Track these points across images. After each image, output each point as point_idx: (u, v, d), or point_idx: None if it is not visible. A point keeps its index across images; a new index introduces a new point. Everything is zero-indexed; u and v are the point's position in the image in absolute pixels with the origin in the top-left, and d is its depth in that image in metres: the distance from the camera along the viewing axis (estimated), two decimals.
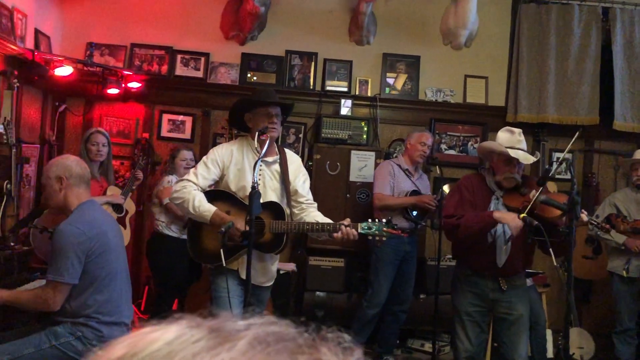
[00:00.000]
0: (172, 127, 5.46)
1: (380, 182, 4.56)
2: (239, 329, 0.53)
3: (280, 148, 3.20)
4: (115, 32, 5.44)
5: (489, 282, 3.26)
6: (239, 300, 2.96)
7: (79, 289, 2.62)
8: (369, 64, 5.67)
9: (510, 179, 3.21)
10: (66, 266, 2.55)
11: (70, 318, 2.63)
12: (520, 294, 3.33)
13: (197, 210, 2.91)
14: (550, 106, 5.48)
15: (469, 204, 3.25)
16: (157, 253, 4.34)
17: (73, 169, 2.74)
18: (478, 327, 3.31)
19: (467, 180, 3.43)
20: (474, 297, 3.29)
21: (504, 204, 3.22)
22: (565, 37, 5.50)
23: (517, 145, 3.24)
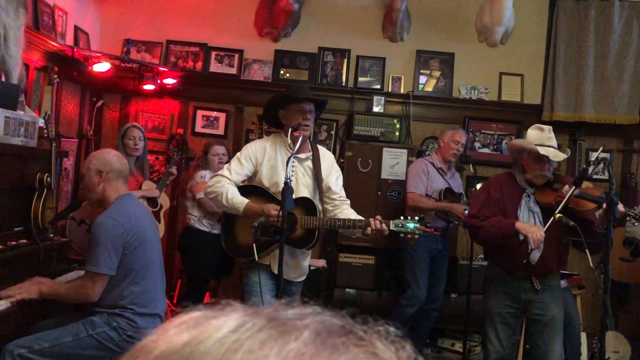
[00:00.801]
0: (206, 123, 5.53)
1: (414, 182, 4.52)
2: (298, 319, 0.53)
3: (313, 145, 3.21)
4: (152, 29, 5.53)
5: (522, 282, 3.21)
6: (270, 295, 2.98)
7: (116, 281, 2.68)
8: (403, 60, 5.64)
9: (541, 177, 3.17)
10: (104, 258, 2.61)
11: (106, 309, 2.69)
12: (555, 294, 3.26)
13: (230, 202, 2.95)
14: (587, 105, 5.36)
15: (496, 204, 3.22)
16: (189, 247, 4.40)
17: (113, 164, 2.80)
18: (510, 328, 3.26)
19: (496, 179, 3.40)
20: (506, 297, 3.25)
21: (535, 201, 3.17)
22: (604, 34, 5.36)
23: (547, 142, 3.19)
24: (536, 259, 3.13)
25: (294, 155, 3.01)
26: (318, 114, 3.24)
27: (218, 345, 0.49)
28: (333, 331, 0.52)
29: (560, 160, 3.16)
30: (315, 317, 0.54)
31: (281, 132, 3.20)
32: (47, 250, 3.13)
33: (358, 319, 0.56)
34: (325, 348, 0.50)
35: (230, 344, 0.49)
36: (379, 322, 0.57)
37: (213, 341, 0.50)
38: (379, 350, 0.53)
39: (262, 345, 0.49)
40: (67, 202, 4.89)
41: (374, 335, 0.55)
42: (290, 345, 0.49)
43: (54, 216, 3.30)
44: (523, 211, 3.18)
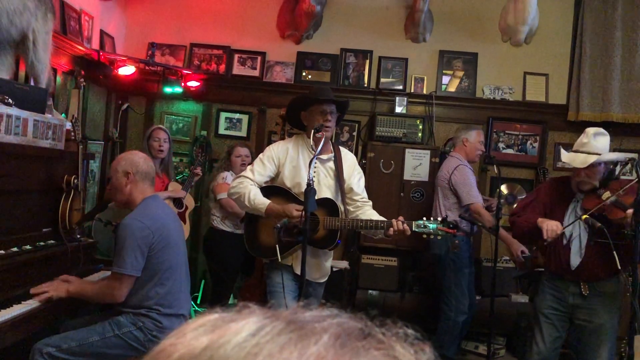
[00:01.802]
0: (229, 125, 5.58)
1: (473, 191, 4.34)
2: (317, 321, 0.53)
3: (335, 146, 3.22)
4: (176, 32, 5.59)
5: (570, 285, 3.18)
6: (293, 296, 2.99)
7: (142, 281, 2.72)
8: (425, 61, 5.61)
9: (584, 183, 3.12)
10: (130, 259, 2.65)
11: (132, 309, 2.73)
12: (607, 302, 3.17)
13: (253, 203, 2.97)
14: (614, 104, 5.27)
15: (542, 206, 3.24)
16: (213, 247, 4.44)
17: (140, 165, 2.84)
18: (556, 330, 3.24)
19: (550, 183, 3.44)
20: (553, 299, 3.24)
21: (582, 207, 3.13)
22: (631, 32, 5.27)
23: (582, 148, 3.12)
24: (576, 263, 3.09)
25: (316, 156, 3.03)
26: (341, 115, 3.25)
27: (238, 349, 0.49)
28: (352, 334, 0.52)
29: (579, 166, 3.07)
30: (333, 320, 0.54)
31: (303, 134, 3.22)
32: (75, 251, 3.19)
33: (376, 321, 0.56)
34: (345, 352, 0.50)
35: (250, 348, 0.49)
36: (397, 324, 0.57)
37: (233, 345, 0.50)
38: (398, 353, 0.53)
39: (282, 349, 0.49)
40: (93, 204, 4.98)
41: (393, 338, 0.54)
42: (310, 349, 0.49)
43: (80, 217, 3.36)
44: (569, 216, 3.16)
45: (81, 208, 3.50)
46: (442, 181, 4.48)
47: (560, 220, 3.13)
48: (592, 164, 3.03)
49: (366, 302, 4.97)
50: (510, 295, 4.96)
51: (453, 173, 4.37)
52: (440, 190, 4.49)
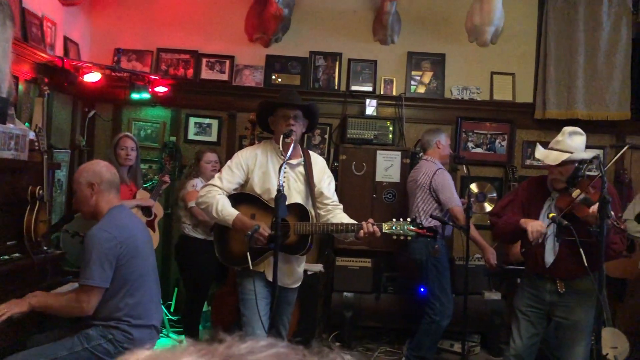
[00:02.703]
0: (199, 130, 5.52)
1: (454, 195, 4.38)
2: (253, 354, 0.52)
3: (305, 150, 3.21)
4: (142, 37, 5.52)
5: (547, 283, 3.23)
6: (265, 302, 2.97)
7: (111, 293, 2.67)
8: (394, 63, 5.64)
9: (557, 181, 3.17)
10: (98, 270, 2.59)
11: (101, 321, 2.68)
12: (583, 299, 3.20)
13: (220, 214, 2.95)
14: (579, 102, 5.38)
15: (521, 205, 3.29)
16: (185, 255, 4.39)
17: (104, 175, 2.79)
18: (533, 327, 3.29)
19: (529, 182, 3.48)
20: (531, 297, 3.30)
21: (556, 206, 3.19)
22: (594, 32, 5.39)
23: (556, 145, 3.19)
24: (550, 260, 3.14)
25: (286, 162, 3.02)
26: (314, 121, 3.23)
27: None
28: None
29: (551, 163, 3.13)
30: (270, 351, 0.53)
31: (272, 139, 3.20)
32: (41, 264, 3.12)
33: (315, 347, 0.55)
34: None
35: None
36: (333, 350, 0.56)
37: None
38: None
39: None
40: (61, 214, 4.88)
41: None
42: None
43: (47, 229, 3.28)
44: (543, 214, 3.21)
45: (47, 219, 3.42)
46: (422, 186, 4.44)
47: (536, 217, 3.18)
48: (565, 162, 3.08)
49: (341, 305, 4.97)
50: (483, 293, 5.02)
51: (433, 178, 4.37)
52: (420, 194, 4.45)
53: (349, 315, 4.95)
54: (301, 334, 4.76)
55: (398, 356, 4.79)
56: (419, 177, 4.49)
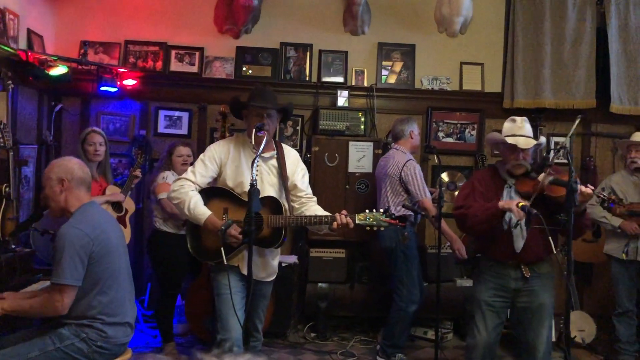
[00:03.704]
0: (169, 123, 5.46)
1: (424, 188, 4.39)
2: None
3: (278, 143, 3.21)
4: (109, 29, 5.42)
5: (512, 270, 3.27)
6: (240, 297, 2.98)
7: (83, 291, 2.63)
8: (365, 54, 5.66)
9: (518, 166, 3.25)
10: (70, 269, 2.56)
11: (74, 320, 2.64)
12: (545, 282, 3.30)
13: (192, 212, 2.94)
14: (546, 91, 5.48)
15: (480, 195, 3.30)
16: (157, 249, 4.34)
17: (75, 171, 2.75)
18: (497, 317, 3.33)
19: (480, 173, 3.51)
20: (495, 286, 3.32)
21: (516, 191, 3.25)
22: (560, 22, 5.48)
23: (518, 132, 3.29)
24: (520, 246, 3.19)
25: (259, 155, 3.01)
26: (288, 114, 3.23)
27: None
28: None
29: (530, 147, 3.23)
30: None
31: (244, 132, 3.18)
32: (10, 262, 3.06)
33: None
34: None
35: None
36: None
37: None
38: None
39: None
40: (29, 210, 4.78)
41: None
42: None
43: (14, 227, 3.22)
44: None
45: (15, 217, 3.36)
46: (391, 177, 4.43)
47: None
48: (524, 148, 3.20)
49: (316, 295, 5.00)
50: (455, 280, 5.10)
51: (403, 169, 4.39)
52: (389, 186, 4.44)
53: (324, 305, 4.98)
54: (276, 326, 4.78)
55: (373, 345, 4.85)
56: (388, 166, 4.49)
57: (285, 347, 4.76)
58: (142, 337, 4.76)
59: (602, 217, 4.48)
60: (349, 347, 4.79)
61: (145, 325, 4.96)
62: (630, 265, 4.43)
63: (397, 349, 4.45)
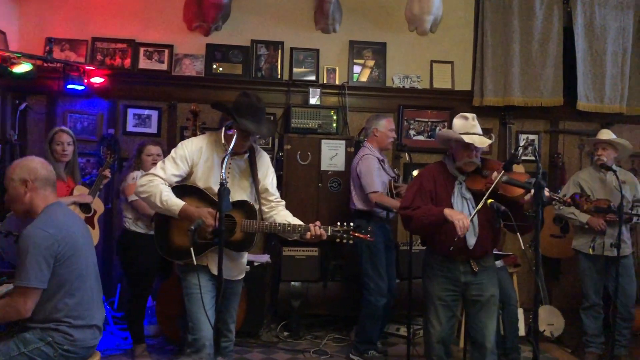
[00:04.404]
0: (138, 122, 5.38)
1: (374, 181, 4.42)
2: None
3: (250, 145, 3.16)
4: (75, 26, 5.31)
5: (461, 265, 3.32)
6: (210, 296, 2.94)
7: (49, 294, 2.57)
8: (336, 52, 5.66)
9: (470, 164, 3.27)
10: (34, 271, 2.49)
11: (39, 323, 2.58)
12: (491, 275, 3.39)
13: (165, 204, 2.87)
14: (515, 89, 5.56)
15: (429, 194, 3.31)
16: (127, 250, 4.27)
17: (39, 171, 2.68)
18: (450, 310, 3.37)
19: (428, 170, 3.46)
20: (446, 281, 3.34)
21: (467, 188, 3.28)
22: (528, 20, 5.57)
23: (472, 130, 3.30)
24: (473, 243, 3.23)
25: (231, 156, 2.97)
26: None
27: None
28: None
29: (485, 146, 3.26)
30: None
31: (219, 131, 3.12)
32: None
33: None
34: None
35: None
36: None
37: None
38: None
39: None
40: None
41: None
42: None
43: None
44: (456, 198, 3.27)
45: None
46: (352, 172, 4.59)
47: (448, 202, 3.26)
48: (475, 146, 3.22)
49: (289, 294, 4.99)
50: None
51: (359, 163, 4.49)
52: (352, 181, 4.59)
53: (297, 304, 4.97)
54: (249, 325, 4.75)
55: (346, 342, 4.86)
56: (353, 163, 4.62)
57: (258, 346, 4.73)
58: (113, 339, 4.68)
59: (570, 214, 4.56)
60: (322, 346, 4.79)
61: (116, 327, 4.88)
62: (596, 260, 4.52)
63: (370, 345, 4.46)
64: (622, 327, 4.48)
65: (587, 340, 4.63)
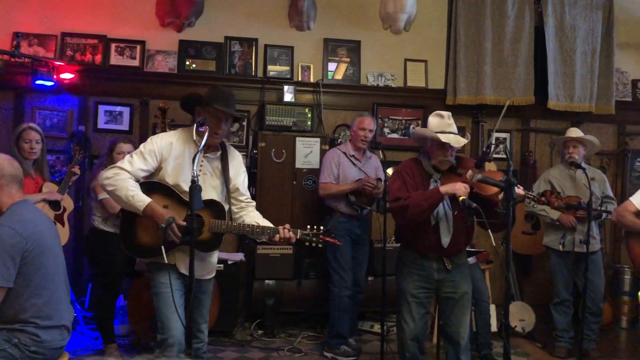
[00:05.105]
0: (109, 119, 5.29)
1: (324, 171, 4.60)
2: None
3: (222, 143, 3.12)
4: (44, 20, 5.20)
5: (434, 263, 3.34)
6: (180, 295, 2.88)
7: (15, 293, 2.51)
8: (311, 49, 5.64)
9: (445, 162, 3.29)
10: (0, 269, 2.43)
11: (5, 324, 2.51)
12: (464, 272, 3.43)
13: (132, 199, 2.79)
14: (487, 88, 5.62)
15: (412, 186, 3.31)
16: (95, 249, 4.20)
17: (5, 169, 2.61)
18: (423, 308, 3.39)
19: (406, 166, 3.47)
20: (420, 279, 3.36)
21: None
22: (500, 20, 5.63)
23: (448, 129, 3.31)
24: (447, 241, 3.25)
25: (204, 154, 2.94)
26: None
27: None
28: None
29: (461, 146, 3.27)
30: None
31: (190, 127, 3.07)
32: None
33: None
34: None
35: None
36: None
37: None
38: None
39: None
40: None
41: None
42: None
43: None
44: None
45: None
46: None
47: None
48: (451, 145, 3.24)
49: (263, 292, 4.96)
50: None
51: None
52: None
53: (271, 302, 4.95)
54: (222, 324, 4.71)
55: (321, 340, 4.86)
56: None
57: (232, 345, 4.70)
58: (83, 340, 4.60)
59: (541, 210, 4.63)
60: (297, 343, 4.78)
61: (86, 327, 4.80)
62: (567, 256, 4.60)
63: (340, 339, 4.49)
64: (591, 322, 4.56)
65: (557, 335, 4.72)
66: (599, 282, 4.61)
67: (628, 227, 3.91)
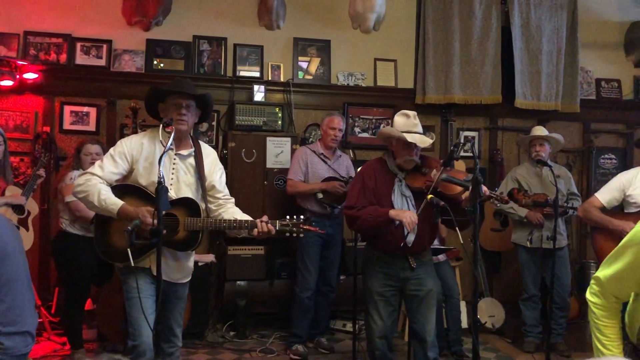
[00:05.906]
0: (76, 119, 5.18)
1: (292, 169, 4.64)
2: None
3: (195, 140, 3.08)
4: (5, 19, 5.07)
5: (399, 261, 3.36)
6: (152, 300, 2.84)
7: None
8: (281, 48, 5.62)
9: (410, 162, 3.31)
10: None
11: None
12: (429, 269, 3.45)
13: (104, 203, 2.76)
14: (456, 87, 5.68)
15: (371, 192, 3.33)
16: (62, 252, 4.11)
17: None
18: (390, 305, 3.40)
19: (369, 167, 3.48)
20: (385, 277, 3.38)
21: (407, 185, 3.32)
22: (467, 20, 5.70)
23: (414, 129, 3.33)
24: (412, 240, 3.27)
25: (176, 152, 2.92)
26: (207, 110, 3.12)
27: None
28: None
29: (426, 146, 3.30)
30: None
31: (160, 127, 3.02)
32: None
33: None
34: None
35: None
36: None
37: None
38: None
39: None
40: None
41: None
42: None
43: None
44: (396, 196, 3.30)
45: None
46: None
47: (388, 200, 3.29)
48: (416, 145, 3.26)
49: (235, 293, 4.94)
50: None
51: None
52: None
53: (243, 303, 4.92)
54: (194, 327, 4.67)
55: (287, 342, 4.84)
56: None
57: (204, 347, 4.66)
58: (50, 346, 4.50)
59: (509, 208, 4.69)
60: (269, 344, 4.76)
61: (53, 332, 4.69)
62: (534, 253, 4.68)
63: (296, 338, 4.53)
64: (559, 317, 4.65)
65: (526, 330, 4.79)
66: (566, 277, 4.71)
67: (594, 222, 3.99)
